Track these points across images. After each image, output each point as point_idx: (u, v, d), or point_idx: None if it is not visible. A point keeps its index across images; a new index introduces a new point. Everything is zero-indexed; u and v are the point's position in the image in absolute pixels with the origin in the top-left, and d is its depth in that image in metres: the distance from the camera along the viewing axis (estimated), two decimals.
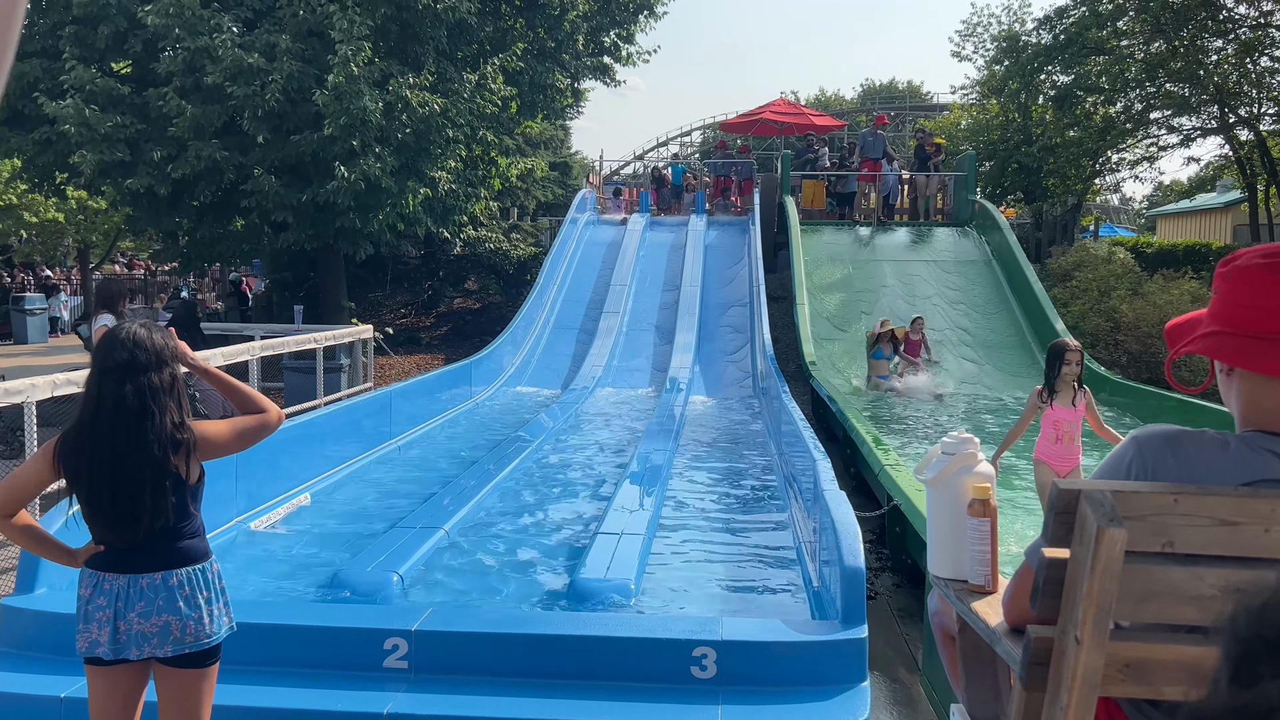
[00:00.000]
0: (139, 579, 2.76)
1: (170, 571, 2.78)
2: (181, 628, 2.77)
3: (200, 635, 2.80)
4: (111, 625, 2.75)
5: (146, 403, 2.74)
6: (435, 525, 5.86)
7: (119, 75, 14.10)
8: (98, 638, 2.76)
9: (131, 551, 2.77)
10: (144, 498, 2.72)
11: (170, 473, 2.76)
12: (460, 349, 16.71)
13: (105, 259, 30.22)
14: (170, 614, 2.76)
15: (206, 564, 2.88)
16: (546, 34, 16.64)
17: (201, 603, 2.81)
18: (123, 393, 2.74)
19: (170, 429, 2.76)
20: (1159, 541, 1.61)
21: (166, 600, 2.76)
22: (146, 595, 2.76)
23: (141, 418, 2.73)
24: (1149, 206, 43.99)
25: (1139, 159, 22.11)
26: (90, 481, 2.74)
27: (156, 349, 2.82)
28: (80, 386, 6.56)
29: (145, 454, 2.73)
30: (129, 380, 2.75)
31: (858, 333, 13.88)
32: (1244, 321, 1.65)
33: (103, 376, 2.78)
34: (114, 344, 2.79)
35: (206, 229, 14.93)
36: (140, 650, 2.76)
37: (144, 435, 2.73)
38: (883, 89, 54.77)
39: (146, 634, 2.75)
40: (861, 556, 4.05)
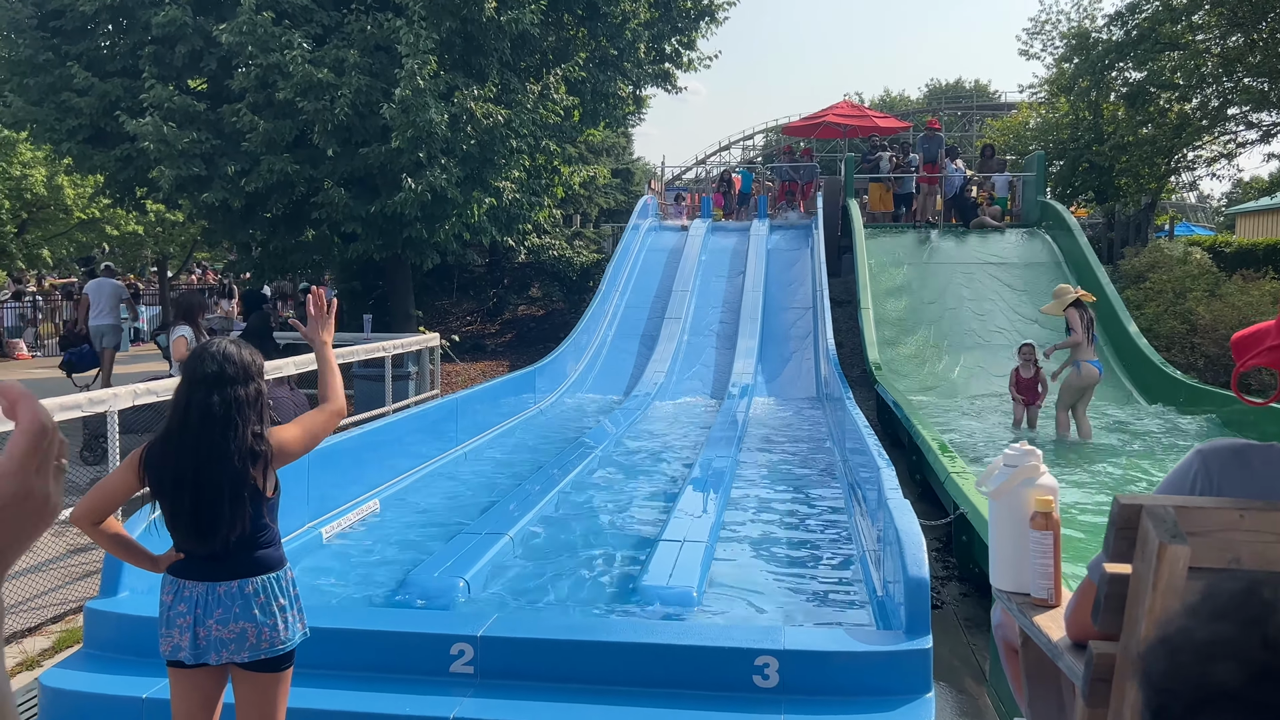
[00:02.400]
0: (217, 587, 2.87)
1: (246, 580, 2.89)
2: (257, 634, 2.87)
3: (275, 641, 2.90)
4: (191, 631, 2.87)
5: (231, 414, 2.86)
6: (500, 531, 5.94)
7: (195, 93, 14.52)
8: (179, 643, 2.88)
9: (210, 560, 2.88)
10: (223, 508, 2.82)
11: (249, 484, 2.86)
12: (524, 355, 16.89)
13: (182, 269, 31.13)
14: (246, 621, 2.86)
15: (281, 572, 2.98)
16: (608, 43, 16.73)
17: (276, 610, 2.91)
18: (210, 403, 2.85)
19: (251, 441, 2.86)
20: (1225, 558, 1.58)
21: (243, 608, 2.87)
22: (224, 603, 2.86)
23: (226, 429, 2.84)
24: (1228, 204, 42.67)
25: (1216, 156, 21.48)
26: (173, 490, 2.85)
27: (244, 364, 2.95)
28: (160, 396, 6.81)
29: (226, 465, 2.83)
30: (216, 392, 2.87)
31: (924, 337, 13.71)
32: None
33: (191, 388, 2.90)
34: (204, 358, 2.92)
35: (279, 240, 15.29)
36: (219, 656, 2.87)
37: (226, 446, 2.83)
38: (949, 89, 54.00)
39: (224, 640, 2.86)
40: (926, 566, 4.01)
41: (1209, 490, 1.65)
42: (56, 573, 6.28)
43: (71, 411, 5.98)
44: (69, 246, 27.96)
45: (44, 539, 6.69)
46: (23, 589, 5.90)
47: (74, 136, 14.22)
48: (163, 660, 2.94)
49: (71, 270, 31.71)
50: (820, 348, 13.19)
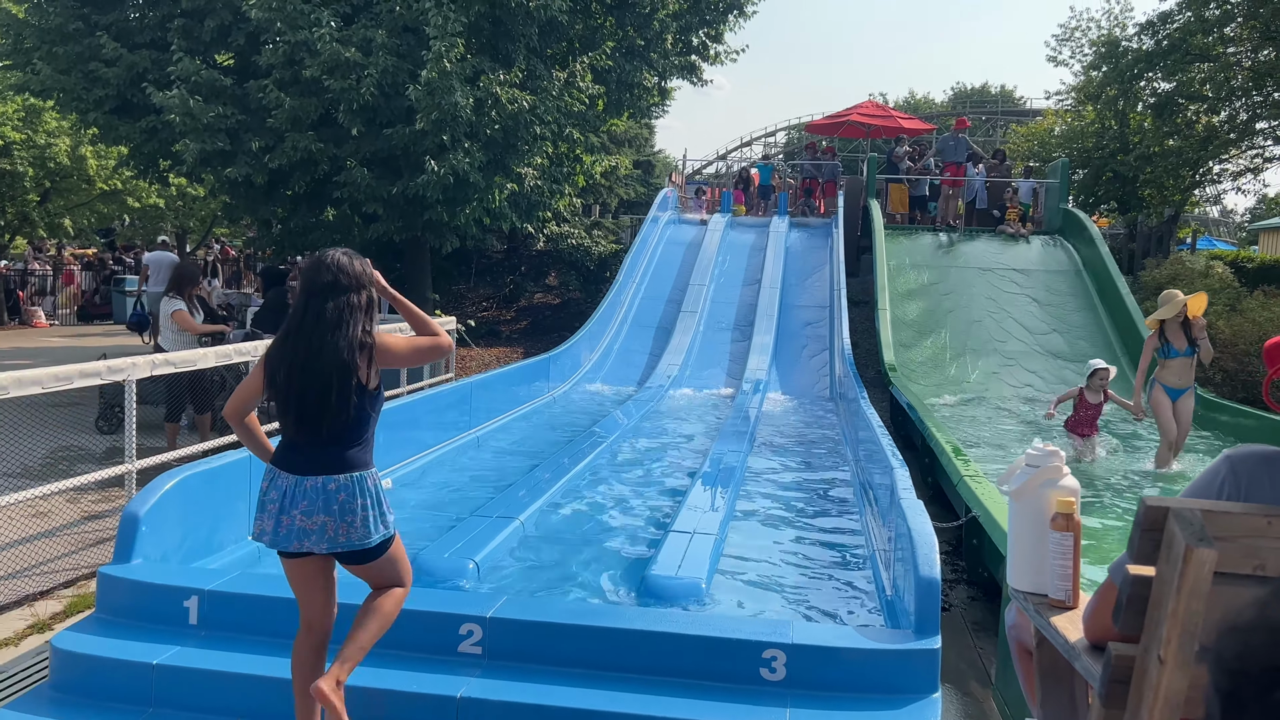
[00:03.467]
0: (304, 480, 3.14)
1: (331, 477, 3.14)
2: (335, 528, 3.12)
3: (353, 537, 3.15)
4: (275, 519, 3.14)
5: (344, 316, 3.20)
6: (511, 515, 5.96)
7: (222, 67, 14.57)
8: (265, 527, 3.17)
9: (302, 455, 3.16)
10: (330, 396, 3.13)
11: (354, 375, 3.16)
12: (539, 343, 16.91)
13: (201, 244, 31.25)
14: (325, 515, 3.11)
15: (365, 474, 3.21)
16: (636, 32, 16.70)
17: (356, 508, 3.14)
18: (324, 308, 3.20)
19: (360, 336, 3.20)
20: (1250, 564, 1.57)
21: (325, 503, 3.12)
22: (309, 495, 3.12)
23: (337, 327, 3.18)
24: (1251, 220, 42.35)
25: (1242, 170, 21.33)
26: (285, 383, 3.16)
27: (355, 274, 3.28)
28: (178, 367, 6.84)
29: (335, 357, 3.14)
30: (331, 299, 3.21)
31: (940, 341, 13.67)
32: None
33: (309, 296, 3.25)
34: (321, 267, 3.28)
35: (300, 218, 15.34)
36: (300, 544, 3.14)
37: (336, 341, 3.16)
38: (974, 93, 53.76)
39: (306, 530, 3.12)
40: (937, 566, 4.00)
41: (1236, 496, 1.64)
42: (70, 538, 6.33)
43: (90, 379, 6.01)
44: (90, 217, 28.10)
45: (57, 504, 6.75)
46: (35, 553, 5.95)
47: (100, 107, 14.29)
48: (175, 624, 3.17)
49: (91, 240, 31.87)
50: (836, 347, 13.16)
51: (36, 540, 6.13)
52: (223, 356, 7.45)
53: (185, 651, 3.92)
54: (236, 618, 4.10)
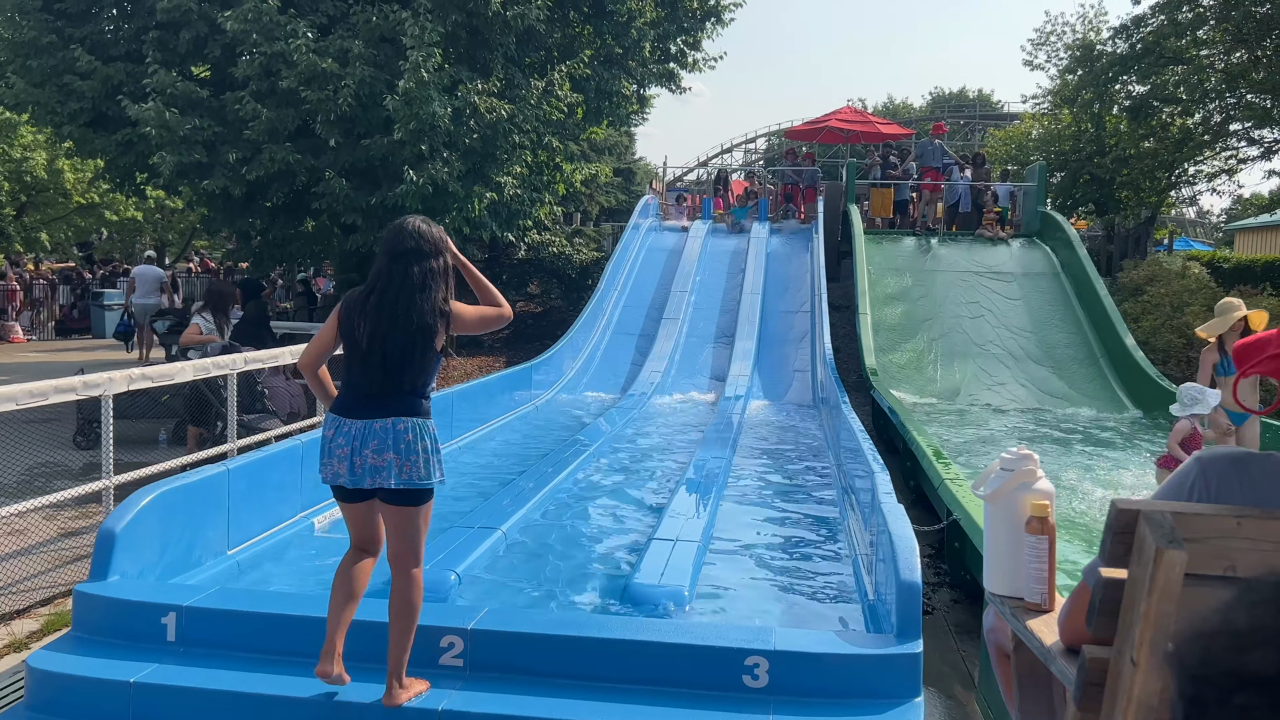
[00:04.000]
0: (374, 423, 3.44)
1: (399, 419, 3.45)
2: (402, 465, 3.42)
3: (415, 475, 3.45)
4: (349, 461, 3.44)
5: (427, 281, 3.50)
6: (493, 526, 5.93)
7: (198, 79, 14.50)
8: (338, 470, 3.48)
9: (374, 402, 3.47)
10: (413, 355, 3.46)
11: (434, 337, 3.50)
12: (522, 352, 16.86)
13: (180, 257, 31.08)
14: (394, 452, 3.42)
15: (427, 422, 3.53)
16: (614, 41, 16.72)
17: (419, 450, 3.45)
18: (409, 271, 3.49)
19: (439, 303, 3.51)
20: (1221, 565, 1.58)
21: (394, 441, 3.43)
22: (379, 435, 3.43)
23: (421, 290, 3.48)
24: (1227, 220, 42.76)
25: (1217, 172, 21.55)
26: (369, 338, 3.46)
27: (435, 240, 3.59)
28: (155, 381, 6.79)
29: (420, 319, 3.46)
30: (415, 263, 3.51)
31: (921, 345, 13.73)
32: None
33: (393, 259, 3.54)
34: (403, 234, 3.56)
35: (278, 230, 15.26)
36: (373, 480, 3.44)
37: (421, 304, 3.47)
38: (952, 97, 54.08)
39: (377, 467, 3.42)
40: (918, 570, 4.01)
41: (1206, 497, 1.65)
42: (46, 555, 6.26)
43: (66, 395, 5.96)
44: (67, 231, 27.92)
45: (34, 521, 6.68)
46: (11, 571, 5.89)
47: (75, 120, 14.20)
48: (153, 641, 3.23)
49: (69, 255, 31.66)
50: (818, 352, 13.19)
51: (12, 558, 6.07)
52: (201, 370, 7.40)
53: (163, 669, 3.88)
54: (215, 634, 4.07)
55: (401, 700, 3.54)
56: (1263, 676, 0.68)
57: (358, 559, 3.67)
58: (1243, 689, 0.68)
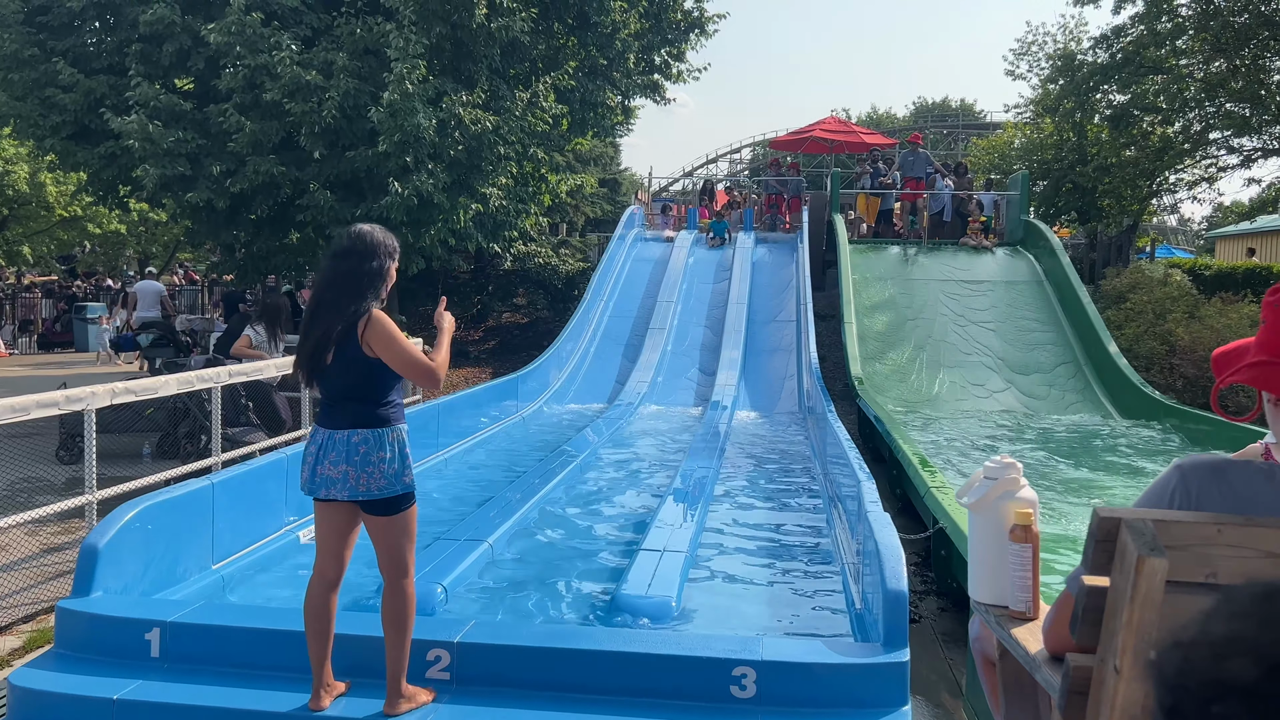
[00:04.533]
0: (334, 434, 3.47)
1: (354, 430, 3.44)
2: (357, 478, 3.42)
3: (372, 486, 3.44)
4: (311, 469, 3.49)
5: (348, 281, 3.48)
6: (479, 538, 5.92)
7: (182, 92, 14.47)
8: (304, 476, 3.54)
9: (332, 412, 3.51)
10: (325, 354, 3.45)
11: (355, 337, 3.43)
12: (508, 363, 16.85)
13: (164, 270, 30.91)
14: (348, 465, 3.42)
15: (386, 430, 3.49)
16: (598, 52, 16.77)
17: (375, 460, 3.43)
18: (337, 271, 3.51)
19: (369, 302, 3.47)
20: (1202, 572, 1.59)
21: (348, 454, 3.43)
22: (337, 447, 3.44)
23: (341, 290, 3.47)
24: (1208, 228, 43.12)
25: (1197, 180, 21.70)
26: (314, 343, 3.47)
27: (373, 243, 3.55)
28: (138, 395, 6.75)
29: (334, 318, 3.44)
30: (344, 261, 3.51)
31: (906, 353, 13.77)
32: None
33: (331, 260, 3.58)
34: (345, 235, 3.60)
35: (263, 242, 15.23)
36: (328, 491, 3.47)
37: (337, 302, 3.45)
38: (935, 107, 54.43)
39: (332, 479, 3.44)
40: (905, 579, 4.02)
41: (1187, 505, 1.66)
42: (28, 571, 6.21)
43: (48, 409, 5.92)
44: (49, 244, 27.77)
45: (16, 537, 6.63)
46: None
47: (58, 133, 14.15)
48: (137, 658, 3.42)
49: (51, 268, 31.48)
50: (803, 361, 13.22)
51: None
52: (184, 384, 7.37)
53: (147, 685, 3.85)
54: (200, 649, 4.04)
55: (403, 710, 3.58)
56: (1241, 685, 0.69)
57: (320, 592, 3.60)
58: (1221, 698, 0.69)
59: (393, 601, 3.57)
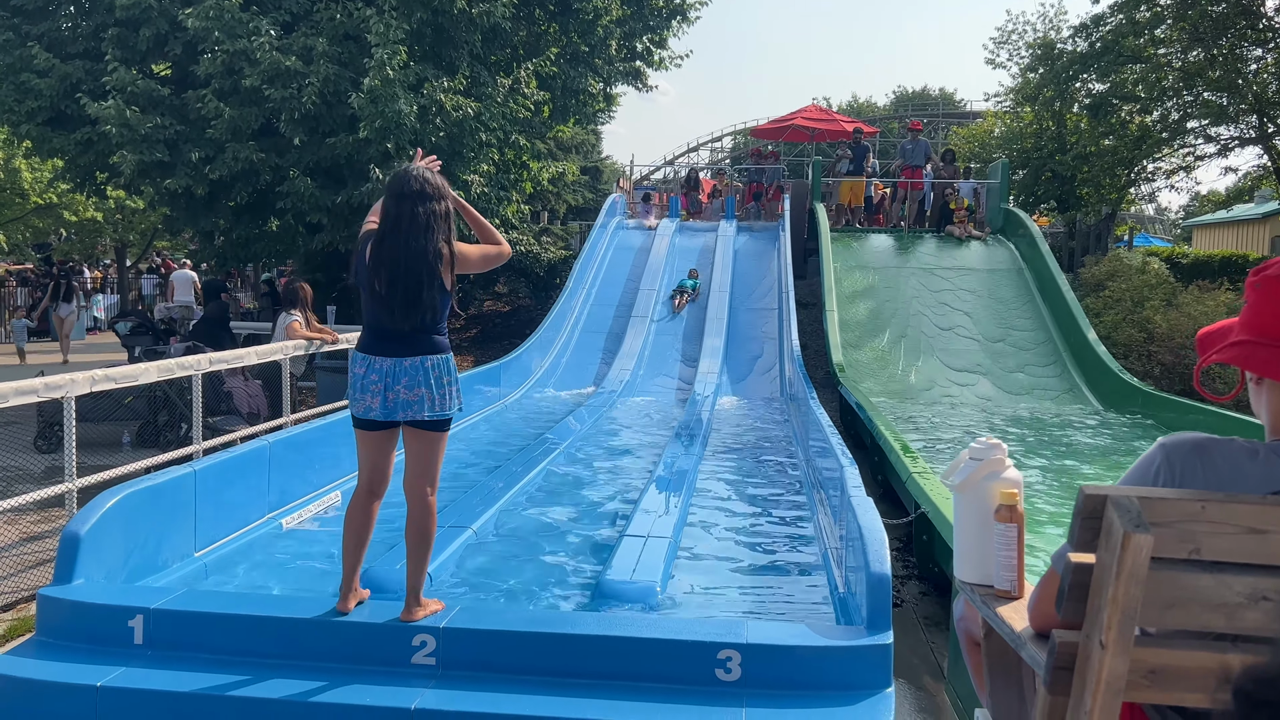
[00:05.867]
0: (403, 361, 3.81)
1: (426, 357, 3.83)
2: (434, 399, 3.82)
3: (444, 406, 3.85)
4: (382, 395, 3.80)
5: (432, 222, 3.79)
6: (464, 525, 5.91)
7: (159, 77, 14.32)
8: (370, 404, 3.83)
9: (400, 342, 3.81)
10: (422, 292, 3.76)
11: (439, 275, 3.79)
12: (490, 351, 16.82)
13: (141, 258, 30.63)
14: (425, 388, 3.80)
15: (449, 356, 3.91)
16: (580, 39, 16.71)
17: (446, 384, 3.86)
18: (415, 213, 3.77)
19: (443, 242, 3.81)
20: (1186, 548, 1.61)
21: (424, 378, 3.81)
22: (409, 373, 3.80)
23: (427, 231, 3.77)
24: (1185, 217, 43.46)
25: (1175, 168, 21.88)
26: (387, 280, 3.75)
27: (437, 185, 3.87)
28: (118, 382, 6.70)
29: (426, 258, 3.75)
30: (420, 204, 3.78)
31: (887, 341, 13.84)
32: (1272, 331, 1.65)
33: (399, 201, 3.80)
34: (408, 177, 3.84)
35: (242, 229, 15.11)
36: (405, 413, 3.82)
37: (426, 244, 3.76)
38: (915, 96, 54.55)
39: (410, 401, 3.80)
40: (888, 562, 4.04)
41: (1171, 482, 1.68)
42: (8, 560, 6.16)
43: (27, 397, 5.86)
44: (24, 231, 27.45)
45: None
46: None
47: (33, 119, 13.96)
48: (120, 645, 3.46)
49: (27, 255, 31.12)
50: (785, 349, 13.26)
51: None
52: (165, 371, 7.31)
53: (131, 672, 3.83)
54: (184, 636, 4.02)
55: (418, 616, 3.90)
56: None
57: (366, 503, 4.01)
58: None
59: (422, 520, 3.93)
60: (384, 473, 4.03)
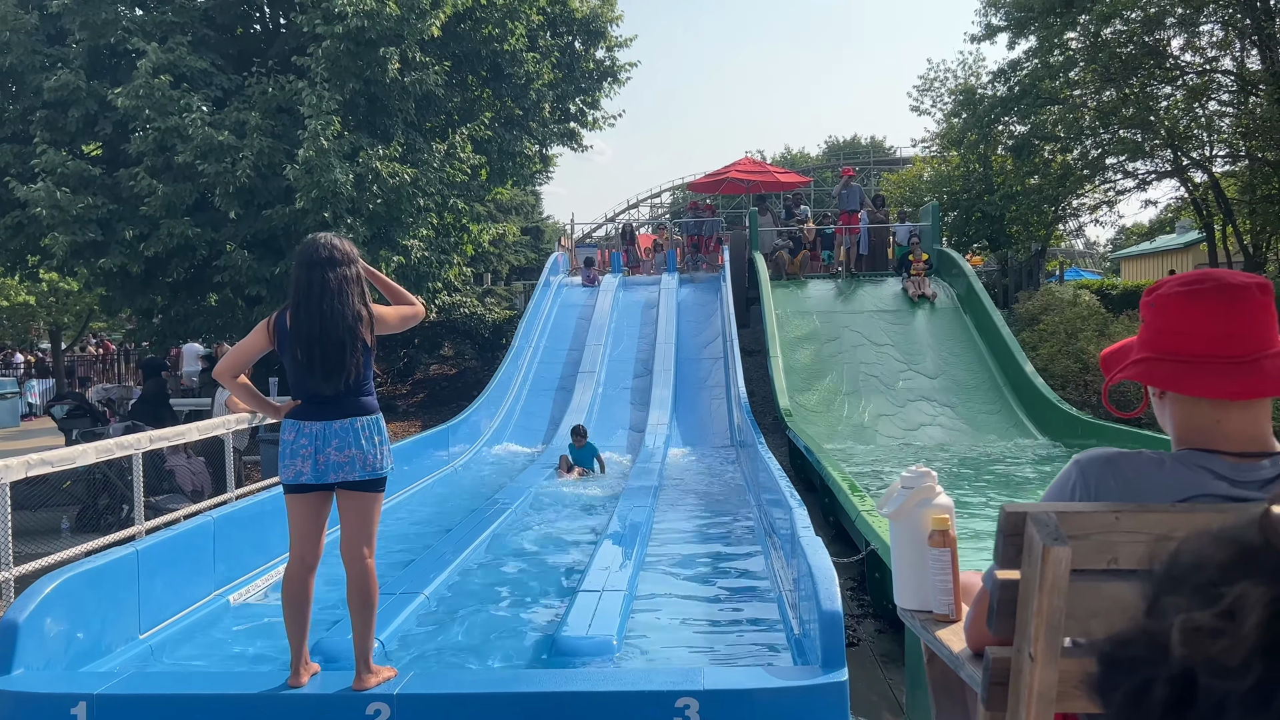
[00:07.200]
0: (332, 424, 3.83)
1: (356, 418, 3.86)
2: (364, 459, 3.83)
3: (375, 466, 3.87)
4: (313, 459, 3.81)
5: (344, 286, 3.84)
6: (416, 590, 5.85)
7: (90, 157, 14.21)
8: (301, 469, 3.83)
9: (326, 405, 3.84)
10: (345, 355, 3.80)
11: (360, 337, 3.84)
12: (437, 415, 16.70)
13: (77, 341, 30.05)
14: (356, 448, 3.82)
15: (378, 416, 3.97)
16: (513, 103, 16.93)
17: (376, 443, 3.88)
18: (326, 279, 3.82)
19: (358, 306, 3.85)
20: (1104, 559, 1.68)
21: (354, 439, 3.83)
22: (340, 435, 3.82)
23: (340, 295, 3.81)
24: (1113, 249, 44.78)
25: (1098, 203, 22.60)
26: (307, 346, 3.79)
27: (345, 251, 3.93)
28: (55, 466, 6.56)
29: (343, 322, 3.80)
30: (329, 270, 3.83)
31: (831, 384, 14.01)
32: (1169, 347, 1.75)
33: (310, 269, 3.85)
34: (316, 245, 3.90)
35: (181, 306, 14.95)
36: (336, 475, 3.82)
37: (342, 308, 3.81)
38: (846, 144, 55.86)
39: (341, 463, 3.81)
40: (839, 600, 4.09)
41: (1087, 496, 1.75)
42: None
43: None
44: None
45: None
46: None
47: None
48: None
49: None
50: (732, 396, 13.36)
51: None
52: (104, 452, 7.18)
53: None
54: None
55: (371, 684, 3.85)
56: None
57: (300, 576, 3.97)
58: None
59: (361, 582, 3.89)
60: (316, 542, 4.00)
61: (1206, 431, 1.74)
